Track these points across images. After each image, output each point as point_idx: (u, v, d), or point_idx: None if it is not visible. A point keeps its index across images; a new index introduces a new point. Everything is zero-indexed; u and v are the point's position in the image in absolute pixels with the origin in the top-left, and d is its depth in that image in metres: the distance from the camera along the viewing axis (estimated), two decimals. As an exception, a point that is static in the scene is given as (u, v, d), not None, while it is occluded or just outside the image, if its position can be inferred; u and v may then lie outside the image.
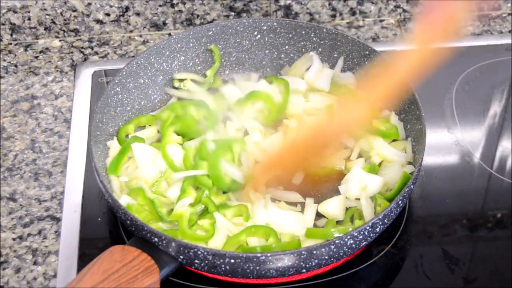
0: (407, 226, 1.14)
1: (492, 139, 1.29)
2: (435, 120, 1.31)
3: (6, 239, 1.14)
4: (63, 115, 1.33)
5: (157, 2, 1.47)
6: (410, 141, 1.18)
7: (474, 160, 1.25)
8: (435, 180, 1.22)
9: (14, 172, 1.24)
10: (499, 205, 1.19)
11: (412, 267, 1.10)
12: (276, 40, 1.33)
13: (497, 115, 1.34)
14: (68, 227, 1.15)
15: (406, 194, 1.05)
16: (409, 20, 1.54)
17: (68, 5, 1.45)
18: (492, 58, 1.43)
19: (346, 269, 1.09)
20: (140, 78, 1.26)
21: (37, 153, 1.27)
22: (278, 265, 0.98)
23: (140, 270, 0.95)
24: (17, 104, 1.36)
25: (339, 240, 0.98)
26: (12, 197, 1.20)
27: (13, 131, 1.31)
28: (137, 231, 1.01)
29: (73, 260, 1.10)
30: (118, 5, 1.47)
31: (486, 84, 1.38)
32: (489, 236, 1.15)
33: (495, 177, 1.22)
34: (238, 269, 0.98)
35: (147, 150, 1.18)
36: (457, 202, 1.19)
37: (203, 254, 0.97)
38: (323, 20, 1.54)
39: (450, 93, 1.36)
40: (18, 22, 1.46)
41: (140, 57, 1.25)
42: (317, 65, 1.29)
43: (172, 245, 0.98)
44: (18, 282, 1.08)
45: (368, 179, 1.13)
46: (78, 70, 1.41)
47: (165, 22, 1.50)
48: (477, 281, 1.08)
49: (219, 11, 1.50)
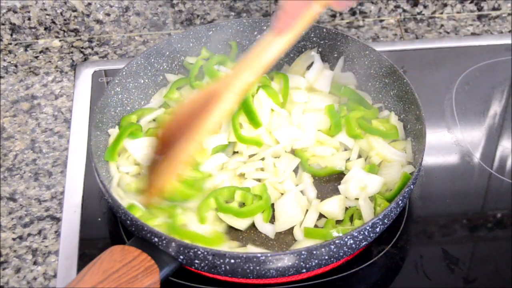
0: (407, 226, 1.14)
1: (492, 139, 1.29)
2: (435, 120, 1.31)
3: (6, 239, 1.14)
4: (63, 115, 1.33)
5: (157, 2, 1.47)
6: (410, 141, 1.18)
7: (474, 160, 1.25)
8: (435, 180, 1.22)
9: (14, 172, 1.24)
10: (499, 205, 1.19)
11: (412, 267, 1.10)
12: (276, 40, 1.33)
13: (497, 115, 1.34)
14: (68, 227, 1.15)
15: (406, 194, 1.05)
16: (409, 20, 1.54)
17: (68, 5, 1.45)
18: (492, 58, 1.43)
19: (346, 269, 1.09)
20: (140, 78, 1.26)
21: (37, 153, 1.27)
22: (278, 265, 0.98)
23: (140, 270, 0.95)
24: (17, 104, 1.36)
25: (339, 240, 0.98)
26: (12, 197, 1.20)
27: (13, 131, 1.31)
28: (137, 231, 1.01)
29: (73, 260, 1.10)
30: (118, 5, 1.47)
31: (486, 84, 1.38)
32: (489, 236, 1.15)
33: (495, 177, 1.22)
34: (238, 269, 0.98)
35: (140, 143, 1.18)
36: (457, 202, 1.19)
37: (203, 254, 0.97)
38: (323, 20, 1.54)
39: (450, 93, 1.36)
40: (18, 22, 1.46)
41: (140, 57, 1.25)
42: (319, 65, 1.29)
43: (172, 245, 0.98)
44: (18, 282, 1.08)
45: (367, 179, 1.13)
46: (78, 70, 1.41)
47: (165, 22, 1.50)
48: (477, 281, 1.08)
49: (219, 11, 1.50)
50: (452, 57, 1.44)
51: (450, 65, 1.42)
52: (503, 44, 1.46)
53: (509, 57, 1.43)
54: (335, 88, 1.27)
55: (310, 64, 1.30)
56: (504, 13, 1.56)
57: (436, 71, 1.41)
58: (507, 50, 1.44)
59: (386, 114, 1.23)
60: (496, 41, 1.48)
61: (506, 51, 1.44)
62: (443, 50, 1.45)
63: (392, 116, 1.22)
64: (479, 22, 1.54)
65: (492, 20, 1.55)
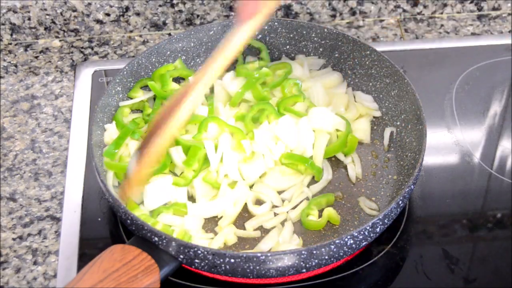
0: (407, 226, 1.14)
1: (492, 139, 1.29)
2: (435, 120, 1.31)
3: (6, 239, 1.14)
4: (63, 115, 1.33)
5: (157, 2, 1.47)
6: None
7: (474, 160, 1.25)
8: (435, 180, 1.22)
9: (14, 172, 1.24)
10: (499, 205, 1.19)
11: (412, 267, 1.10)
12: (277, 40, 1.34)
13: (497, 115, 1.34)
14: (68, 227, 1.14)
15: (406, 194, 1.05)
16: (409, 20, 1.54)
17: (68, 5, 1.45)
18: (492, 58, 1.43)
19: (346, 269, 1.09)
20: (141, 77, 1.26)
21: (37, 153, 1.27)
22: (278, 264, 0.98)
23: (140, 269, 0.95)
24: (17, 104, 1.36)
25: (339, 240, 0.98)
26: (12, 197, 1.20)
27: (13, 131, 1.31)
28: (137, 231, 1.01)
29: (73, 260, 1.10)
30: (118, 5, 1.47)
31: (486, 84, 1.38)
32: (489, 236, 1.15)
33: (495, 177, 1.22)
34: (238, 268, 0.98)
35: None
36: (457, 202, 1.19)
37: (203, 254, 0.97)
38: (323, 20, 1.54)
39: (450, 93, 1.36)
40: (18, 22, 1.46)
41: (141, 57, 1.25)
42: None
43: (172, 244, 0.98)
44: (18, 282, 1.08)
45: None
46: (78, 70, 1.41)
47: (165, 22, 1.50)
48: (477, 281, 1.08)
49: (219, 11, 1.50)
50: (452, 57, 1.44)
51: (450, 65, 1.42)
52: (503, 44, 1.46)
53: (509, 57, 1.43)
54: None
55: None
56: (504, 13, 1.56)
57: (436, 71, 1.41)
58: (507, 50, 1.44)
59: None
60: (496, 41, 1.48)
61: (506, 51, 1.44)
62: (443, 50, 1.45)
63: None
64: (479, 22, 1.54)
65: (492, 20, 1.55)
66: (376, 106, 1.27)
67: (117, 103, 1.23)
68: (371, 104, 1.27)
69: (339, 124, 1.22)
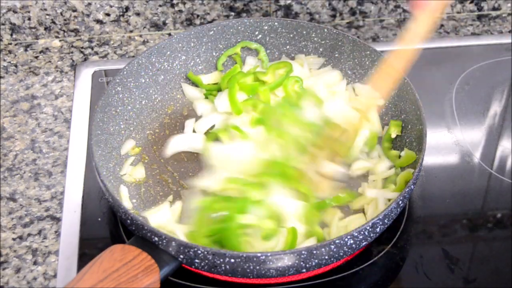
0: (407, 226, 1.14)
1: (492, 139, 1.29)
2: (435, 120, 1.31)
3: (6, 239, 1.14)
4: (63, 115, 1.33)
5: (157, 2, 1.47)
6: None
7: (474, 160, 1.25)
8: (435, 180, 1.22)
9: (14, 172, 1.24)
10: (499, 205, 1.19)
11: (412, 267, 1.10)
12: (277, 40, 1.34)
13: (497, 115, 1.34)
14: (68, 227, 1.14)
15: (406, 194, 1.05)
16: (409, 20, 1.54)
17: (68, 5, 1.45)
18: (492, 58, 1.43)
19: (346, 269, 1.09)
20: (141, 77, 1.26)
21: (37, 153, 1.27)
22: (278, 264, 0.98)
23: (140, 269, 0.95)
24: (17, 104, 1.36)
25: (339, 240, 0.98)
26: (12, 197, 1.20)
27: (13, 131, 1.31)
28: (137, 230, 1.01)
29: (73, 260, 1.10)
30: (118, 5, 1.47)
31: (486, 84, 1.38)
32: (489, 236, 1.15)
33: (495, 177, 1.22)
34: (238, 268, 0.98)
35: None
36: (457, 202, 1.19)
37: (203, 254, 0.97)
38: (323, 20, 1.54)
39: (450, 93, 1.36)
40: (18, 22, 1.46)
41: (141, 57, 1.25)
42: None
43: (172, 244, 0.98)
44: (18, 282, 1.08)
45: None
46: (78, 70, 1.41)
47: (165, 22, 1.50)
48: (477, 281, 1.08)
49: (219, 11, 1.50)
50: (452, 57, 1.44)
51: (450, 65, 1.42)
52: (503, 44, 1.46)
53: (509, 57, 1.43)
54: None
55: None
56: (504, 13, 1.56)
57: (436, 71, 1.41)
58: (507, 50, 1.44)
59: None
60: (496, 41, 1.48)
61: (506, 51, 1.44)
62: (443, 50, 1.45)
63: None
64: (479, 22, 1.54)
65: (492, 20, 1.55)
66: (377, 94, 1.26)
67: (117, 103, 1.23)
68: (371, 93, 1.26)
69: (353, 117, 1.22)
